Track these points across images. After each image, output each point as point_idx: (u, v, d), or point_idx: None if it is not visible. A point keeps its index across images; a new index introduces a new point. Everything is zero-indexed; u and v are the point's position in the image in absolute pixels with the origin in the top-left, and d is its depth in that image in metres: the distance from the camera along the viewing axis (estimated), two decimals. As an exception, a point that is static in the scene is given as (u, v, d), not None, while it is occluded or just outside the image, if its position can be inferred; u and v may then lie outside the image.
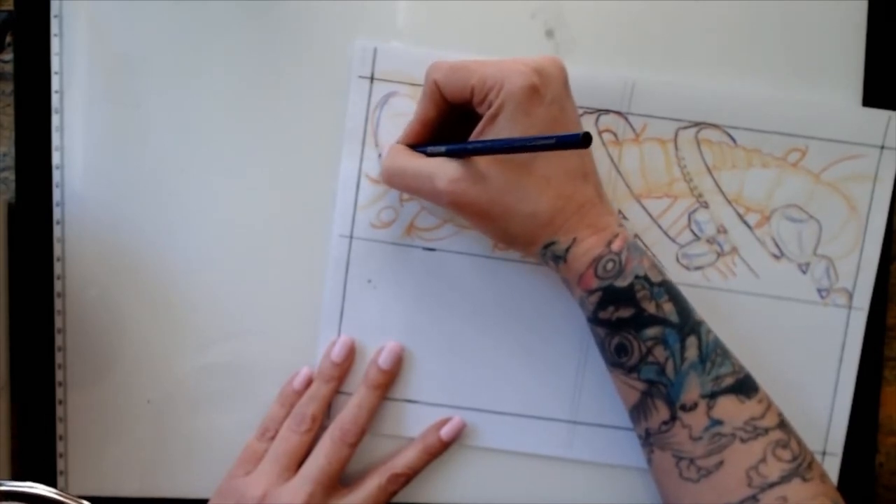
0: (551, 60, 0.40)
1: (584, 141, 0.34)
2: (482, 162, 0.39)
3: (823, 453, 0.46)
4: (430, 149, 0.42)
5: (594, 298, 0.40)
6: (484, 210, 0.40)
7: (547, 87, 0.39)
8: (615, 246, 0.40)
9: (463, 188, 0.39)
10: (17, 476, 0.47)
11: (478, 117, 0.40)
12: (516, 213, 0.40)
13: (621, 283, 0.40)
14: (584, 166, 0.41)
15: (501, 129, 0.39)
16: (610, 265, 0.40)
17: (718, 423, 0.39)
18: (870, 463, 0.47)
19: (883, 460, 0.48)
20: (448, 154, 0.40)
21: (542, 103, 0.39)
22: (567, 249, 0.40)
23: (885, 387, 0.47)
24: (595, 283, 0.40)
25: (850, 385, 0.46)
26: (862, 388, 0.46)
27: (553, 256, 0.41)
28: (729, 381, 0.40)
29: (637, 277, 0.40)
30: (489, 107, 0.39)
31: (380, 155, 0.45)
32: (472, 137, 0.40)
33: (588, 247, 0.40)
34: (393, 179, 0.42)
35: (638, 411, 0.41)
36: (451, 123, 0.42)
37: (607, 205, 0.42)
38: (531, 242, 0.41)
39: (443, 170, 0.40)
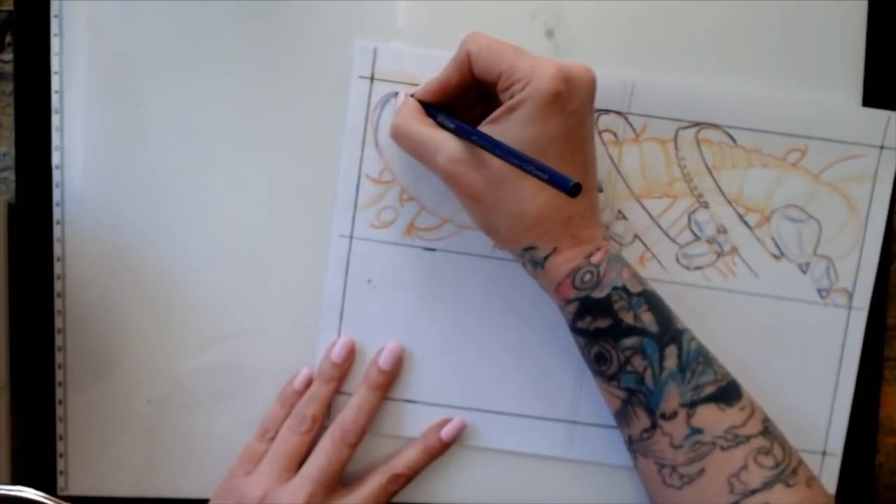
0: (585, 71, 0.40)
1: (572, 190, 0.34)
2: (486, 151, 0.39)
3: (823, 453, 0.46)
4: (440, 118, 0.42)
5: (572, 308, 0.40)
6: (475, 195, 0.40)
7: (571, 97, 0.39)
8: (595, 258, 0.40)
9: (461, 170, 0.39)
10: (18, 476, 0.47)
11: (496, 99, 0.40)
12: (505, 209, 0.40)
13: (598, 294, 0.40)
14: (585, 181, 0.41)
15: (515, 125, 0.39)
16: (587, 276, 0.40)
17: (698, 431, 0.39)
18: (870, 463, 0.47)
19: (883, 460, 0.48)
20: (455, 133, 0.40)
21: (561, 112, 0.39)
22: (546, 257, 0.40)
23: (885, 387, 0.47)
24: (572, 294, 0.40)
25: (850, 385, 0.46)
26: (862, 388, 0.46)
27: (531, 261, 0.41)
28: (710, 389, 0.40)
29: (615, 289, 0.40)
30: (511, 97, 0.39)
31: (395, 94, 0.45)
32: (485, 123, 0.40)
33: (567, 258, 0.40)
34: (399, 139, 0.42)
35: (620, 418, 0.42)
36: (471, 94, 0.42)
37: (597, 218, 0.42)
38: (512, 241, 0.41)
39: (448, 146, 0.40)
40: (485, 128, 0.40)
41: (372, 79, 0.45)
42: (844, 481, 0.46)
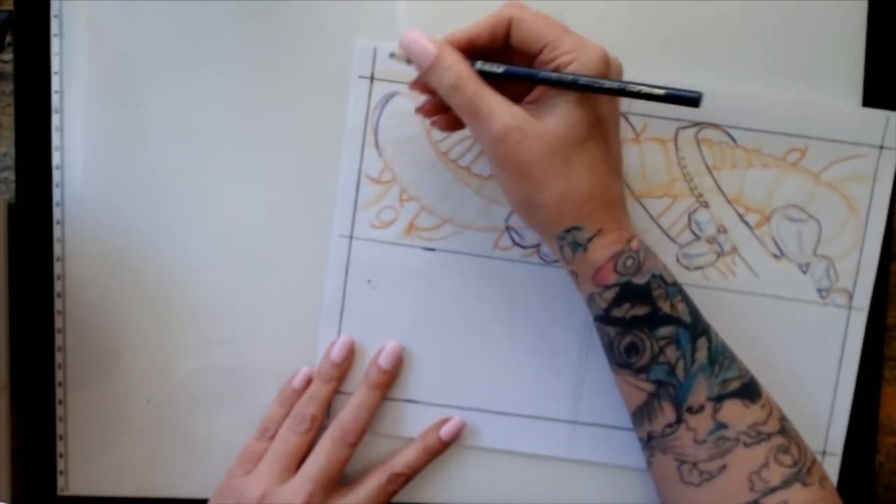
0: (617, 60, 0.40)
1: (698, 100, 0.34)
2: (542, 122, 0.38)
3: (823, 453, 0.46)
4: (503, 67, 0.39)
5: (609, 295, 0.40)
6: (525, 167, 0.38)
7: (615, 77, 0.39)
8: (634, 244, 0.40)
9: (516, 137, 0.38)
10: (18, 476, 0.47)
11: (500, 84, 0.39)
12: (553, 183, 0.38)
13: (639, 280, 0.39)
14: (620, 165, 0.41)
15: (564, 103, 0.38)
16: (630, 262, 0.40)
17: (723, 426, 0.39)
18: (870, 463, 0.47)
19: (883, 460, 0.48)
20: (522, 78, 0.38)
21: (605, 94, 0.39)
22: (590, 239, 0.40)
23: (885, 387, 0.47)
24: (613, 279, 0.40)
25: (850, 385, 0.46)
26: (862, 388, 0.46)
27: (572, 243, 0.40)
28: (735, 384, 0.40)
29: (654, 276, 0.40)
30: (555, 71, 0.38)
31: (405, 52, 0.40)
32: (526, 102, 0.39)
33: (611, 241, 0.39)
34: (455, 93, 0.39)
35: (642, 413, 0.41)
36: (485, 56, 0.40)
37: (627, 209, 0.42)
38: (554, 220, 0.40)
39: (503, 112, 0.38)
40: (527, 109, 0.39)
41: (372, 79, 0.45)
42: (844, 481, 0.46)
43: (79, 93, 0.45)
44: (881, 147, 0.45)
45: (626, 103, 0.45)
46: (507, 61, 0.39)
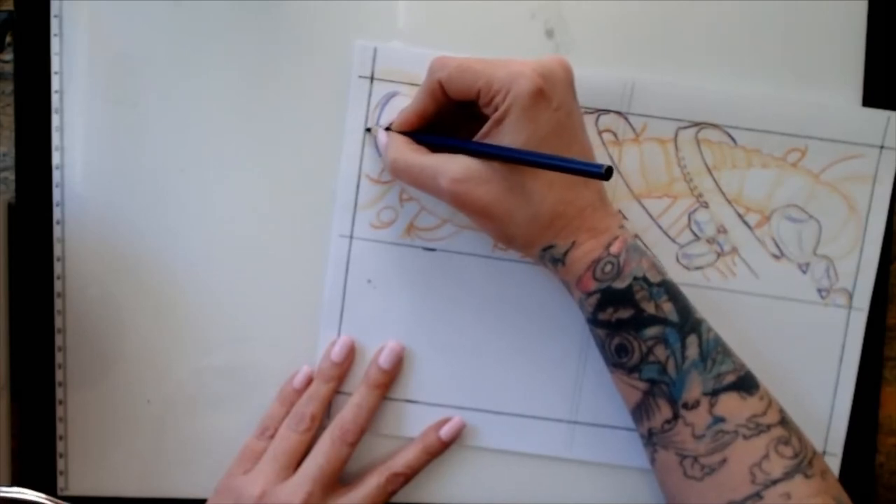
0: (558, 62, 0.40)
1: (606, 174, 0.34)
2: (488, 163, 0.39)
3: (823, 453, 0.46)
4: (439, 140, 0.42)
5: (593, 300, 0.40)
6: (485, 210, 0.40)
7: (553, 91, 0.39)
8: (614, 249, 0.40)
9: (466, 188, 0.39)
10: (18, 476, 0.47)
11: (474, 111, 0.40)
12: (517, 216, 0.40)
13: (619, 284, 0.40)
14: None
15: (507, 134, 0.39)
16: (608, 267, 0.40)
17: (721, 420, 0.39)
18: (870, 463, 0.47)
19: (883, 460, 0.48)
20: (461, 151, 0.40)
21: (548, 108, 0.39)
22: (565, 253, 0.40)
23: (885, 387, 0.47)
24: (593, 286, 0.40)
25: (850, 385, 0.46)
26: (862, 388, 0.46)
27: (551, 259, 0.41)
28: (730, 378, 0.40)
29: (636, 279, 0.40)
30: (495, 110, 0.39)
31: (367, 129, 0.45)
32: (478, 139, 0.40)
33: (586, 250, 0.40)
34: (398, 173, 0.42)
35: (640, 411, 0.42)
36: (447, 115, 0.42)
37: (609, 207, 0.42)
38: (530, 244, 0.41)
39: (448, 167, 0.40)
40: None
41: (372, 79, 0.45)
42: (844, 481, 0.46)
43: (79, 93, 0.45)
44: (881, 147, 0.45)
45: (625, 103, 0.45)
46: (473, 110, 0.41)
